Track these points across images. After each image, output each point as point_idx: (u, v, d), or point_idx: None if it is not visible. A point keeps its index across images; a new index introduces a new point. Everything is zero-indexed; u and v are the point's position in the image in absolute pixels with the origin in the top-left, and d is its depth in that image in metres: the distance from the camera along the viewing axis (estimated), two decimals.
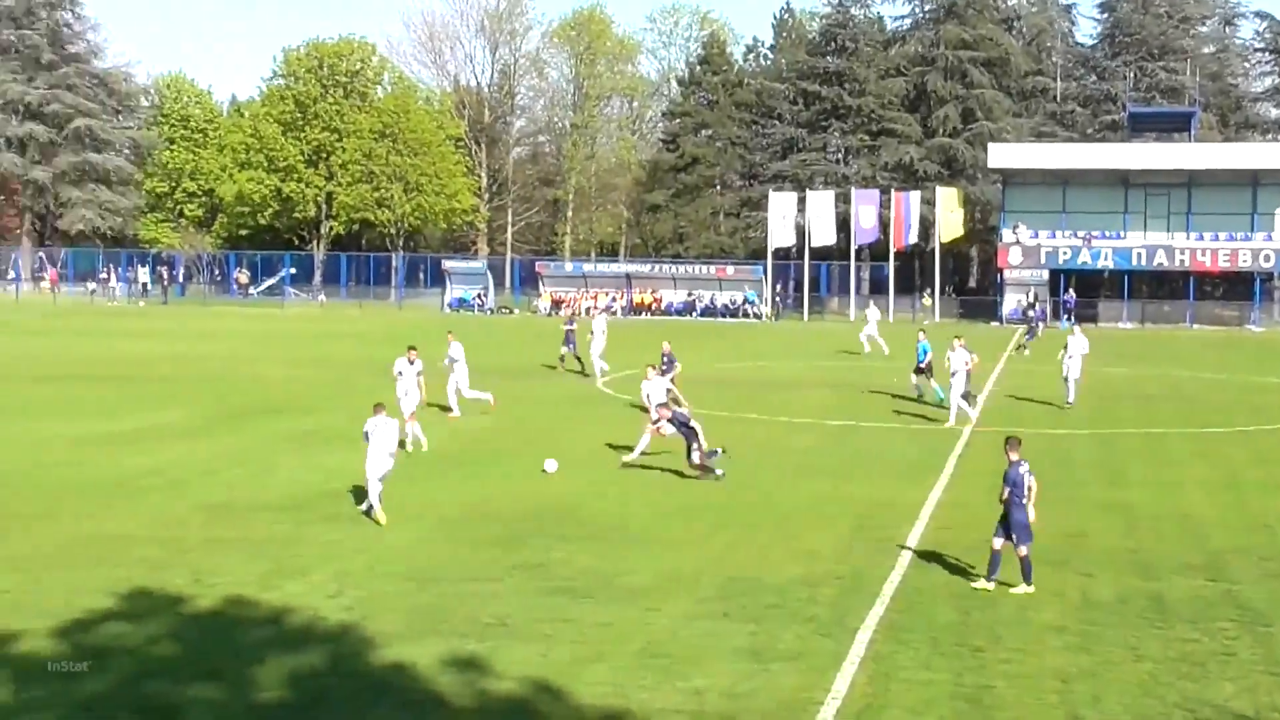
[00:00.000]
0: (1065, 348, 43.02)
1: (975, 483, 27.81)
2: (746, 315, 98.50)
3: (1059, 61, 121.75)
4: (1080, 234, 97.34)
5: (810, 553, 21.73)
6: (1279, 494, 27.84)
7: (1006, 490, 19.64)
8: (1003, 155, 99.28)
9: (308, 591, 18.92)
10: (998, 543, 19.66)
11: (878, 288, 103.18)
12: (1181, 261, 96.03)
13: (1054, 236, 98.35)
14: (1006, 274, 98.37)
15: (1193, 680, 15.85)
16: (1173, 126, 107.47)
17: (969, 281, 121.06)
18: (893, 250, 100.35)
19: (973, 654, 16.66)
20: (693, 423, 28.91)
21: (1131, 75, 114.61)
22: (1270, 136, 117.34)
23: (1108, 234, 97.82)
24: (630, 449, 29.69)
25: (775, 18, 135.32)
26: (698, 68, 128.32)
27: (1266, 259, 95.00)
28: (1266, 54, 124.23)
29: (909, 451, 33.13)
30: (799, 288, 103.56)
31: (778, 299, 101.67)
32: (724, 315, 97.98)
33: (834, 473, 29.91)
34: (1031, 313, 69.52)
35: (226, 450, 31.51)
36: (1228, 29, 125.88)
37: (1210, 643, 17.31)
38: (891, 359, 55.33)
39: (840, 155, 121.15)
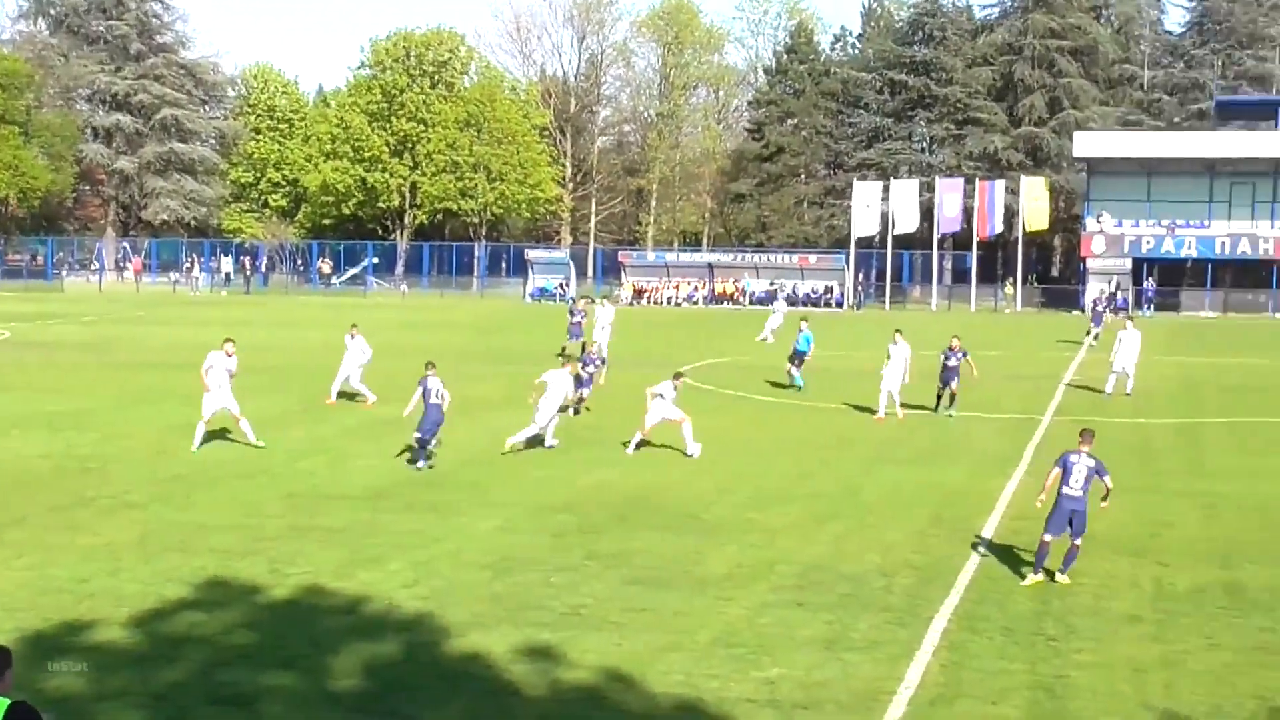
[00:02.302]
0: (1119, 339, 42.76)
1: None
2: (829, 305, 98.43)
3: (1147, 50, 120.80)
4: (1164, 223, 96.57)
5: (887, 542, 21.71)
6: None
7: (1054, 472, 19.63)
8: (1088, 144, 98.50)
9: (384, 580, 19.07)
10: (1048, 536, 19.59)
11: (960, 277, 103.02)
12: (1266, 250, 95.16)
13: (1138, 225, 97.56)
14: (1089, 263, 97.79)
15: (1269, 669, 15.78)
16: (1260, 115, 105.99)
17: (1052, 271, 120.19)
18: (976, 239, 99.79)
19: (1047, 644, 16.62)
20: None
21: (1219, 63, 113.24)
22: None
23: (1192, 223, 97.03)
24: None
25: (863, 7, 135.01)
26: (784, 57, 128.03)
27: None
28: None
29: (989, 441, 32.96)
30: (881, 277, 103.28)
31: (859, 288, 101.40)
32: (805, 304, 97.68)
33: (914, 462, 29.90)
34: (1098, 307, 68.65)
35: (305, 439, 31.77)
36: None
37: None
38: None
39: (925, 144, 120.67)
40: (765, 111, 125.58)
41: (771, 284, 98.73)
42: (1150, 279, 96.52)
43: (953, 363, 36.67)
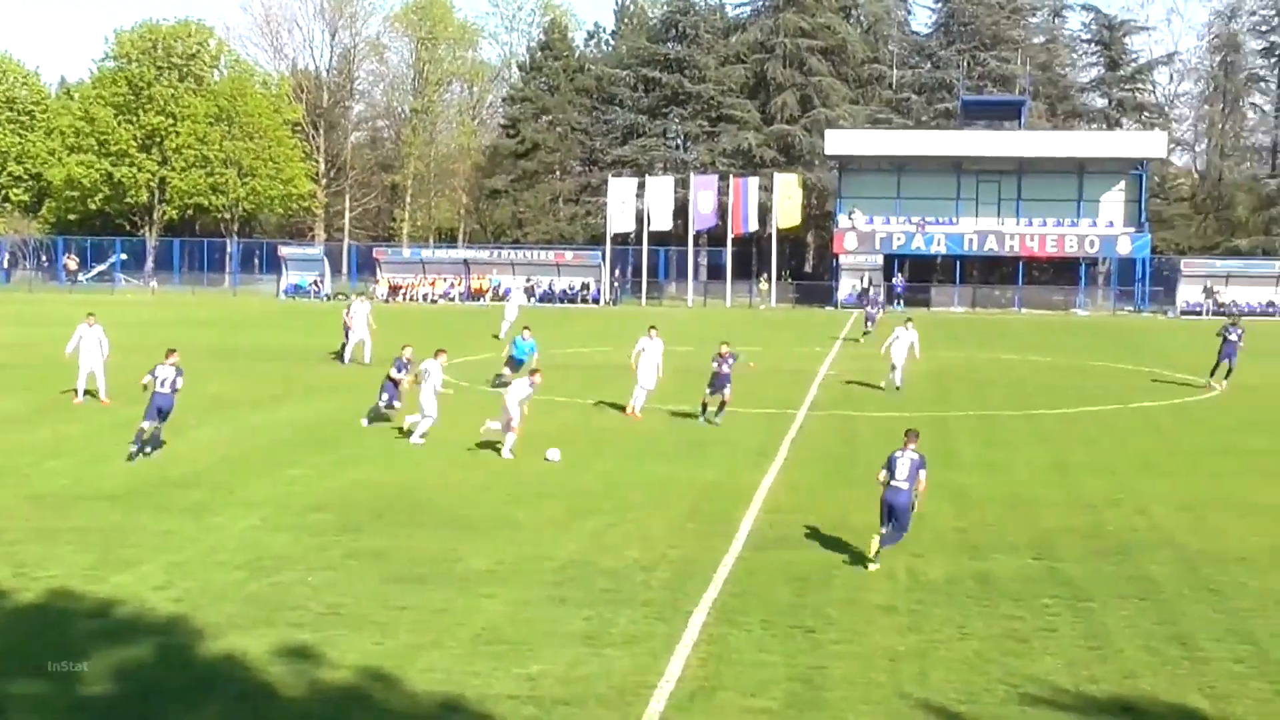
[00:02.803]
0: (895, 335, 43.51)
1: (808, 466, 28.13)
2: (585, 301, 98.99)
3: (895, 50, 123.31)
4: (914, 220, 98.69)
5: (646, 536, 21.82)
6: (1104, 474, 28.47)
7: (884, 473, 20.18)
8: (839, 142, 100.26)
9: (136, 583, 18.62)
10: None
11: (716, 273, 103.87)
12: (1011, 247, 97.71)
13: (889, 222, 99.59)
14: (842, 259, 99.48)
15: (1016, 656, 16.23)
16: (1004, 115, 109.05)
17: (805, 267, 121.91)
18: (730, 236, 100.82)
19: (805, 635, 16.86)
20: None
21: (965, 64, 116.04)
22: (1096, 126, 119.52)
23: (941, 220, 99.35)
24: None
25: (617, 4, 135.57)
26: (539, 53, 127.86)
27: (1091, 245, 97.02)
28: (1092, 45, 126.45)
29: (746, 435, 33.25)
30: (637, 273, 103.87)
31: (616, 284, 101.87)
32: (563, 301, 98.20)
33: (673, 456, 30.06)
34: (870, 307, 69.00)
35: (53, 439, 30.88)
36: (1056, 20, 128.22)
37: (1034, 619, 17.72)
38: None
39: (680, 141, 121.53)
40: (520, 108, 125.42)
41: (528, 280, 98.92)
42: (900, 275, 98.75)
43: (725, 369, 35.63)
